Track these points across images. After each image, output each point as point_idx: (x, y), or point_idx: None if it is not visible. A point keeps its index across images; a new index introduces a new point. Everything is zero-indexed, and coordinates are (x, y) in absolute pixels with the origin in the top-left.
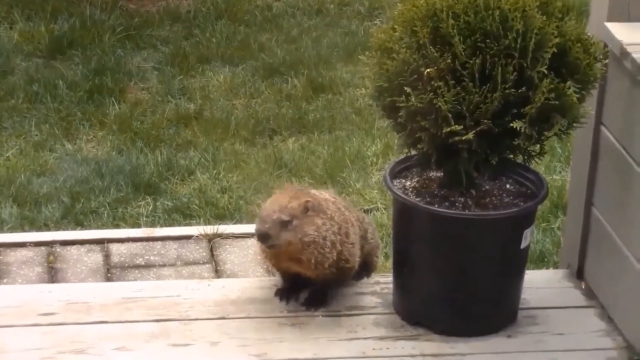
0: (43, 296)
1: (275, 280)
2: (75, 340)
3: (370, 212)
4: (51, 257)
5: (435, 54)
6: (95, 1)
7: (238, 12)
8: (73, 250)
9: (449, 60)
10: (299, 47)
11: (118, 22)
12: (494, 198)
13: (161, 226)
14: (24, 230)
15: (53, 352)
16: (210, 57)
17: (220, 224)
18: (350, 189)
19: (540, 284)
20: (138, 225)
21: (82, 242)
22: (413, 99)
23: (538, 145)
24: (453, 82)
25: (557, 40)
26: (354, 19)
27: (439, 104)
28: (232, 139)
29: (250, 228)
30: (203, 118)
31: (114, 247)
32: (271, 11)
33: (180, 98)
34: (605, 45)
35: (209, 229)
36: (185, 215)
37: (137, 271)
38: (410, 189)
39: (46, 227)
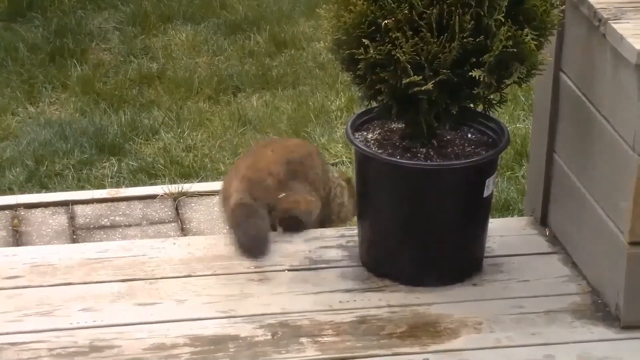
0: (7, 259)
1: None
2: (41, 303)
3: (336, 166)
4: (15, 221)
5: (393, 5)
6: None
7: None
8: (38, 213)
9: (406, 11)
10: (260, 3)
11: None
12: (455, 148)
13: (126, 187)
14: None
15: (19, 315)
16: (171, 16)
17: (185, 182)
18: (315, 144)
19: (504, 232)
20: (103, 187)
21: (46, 205)
22: (371, 51)
23: (498, 94)
24: (411, 32)
25: None
26: None
27: (398, 55)
28: (195, 97)
29: (215, 185)
30: (166, 77)
31: (79, 209)
32: None
33: (142, 58)
34: None
35: (174, 188)
36: (151, 175)
37: (102, 232)
38: (372, 141)
39: (10, 191)
